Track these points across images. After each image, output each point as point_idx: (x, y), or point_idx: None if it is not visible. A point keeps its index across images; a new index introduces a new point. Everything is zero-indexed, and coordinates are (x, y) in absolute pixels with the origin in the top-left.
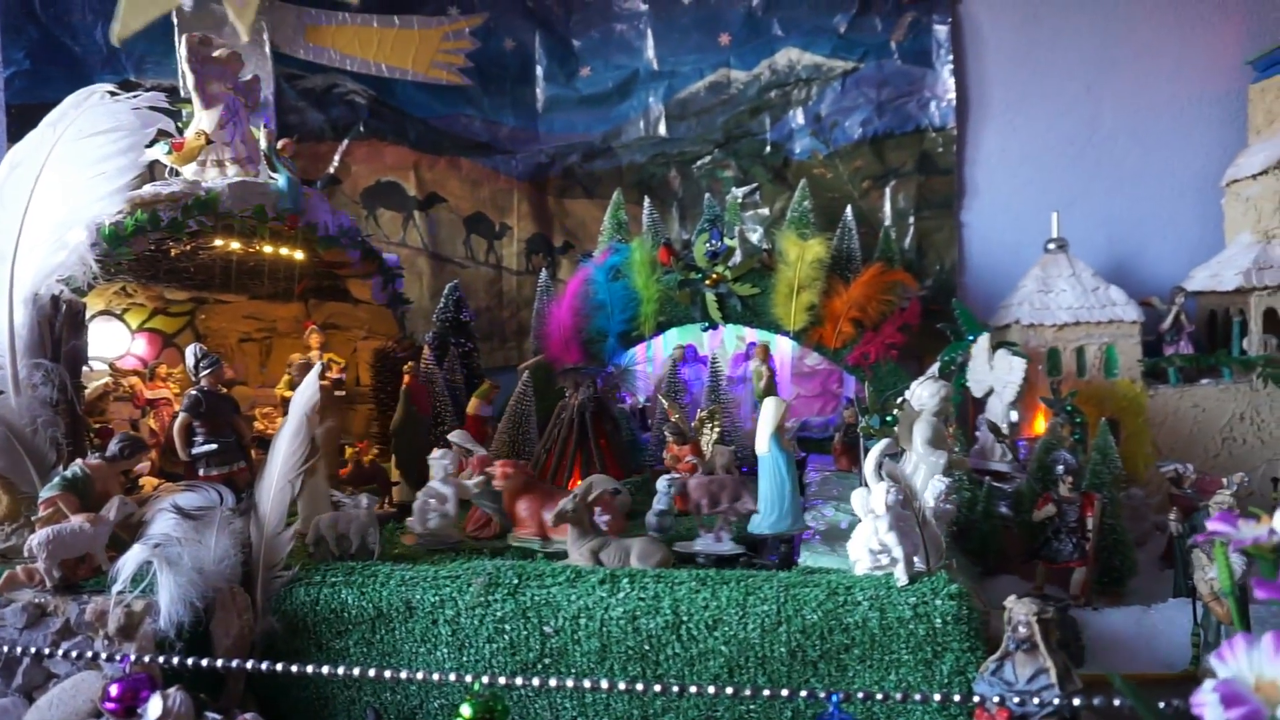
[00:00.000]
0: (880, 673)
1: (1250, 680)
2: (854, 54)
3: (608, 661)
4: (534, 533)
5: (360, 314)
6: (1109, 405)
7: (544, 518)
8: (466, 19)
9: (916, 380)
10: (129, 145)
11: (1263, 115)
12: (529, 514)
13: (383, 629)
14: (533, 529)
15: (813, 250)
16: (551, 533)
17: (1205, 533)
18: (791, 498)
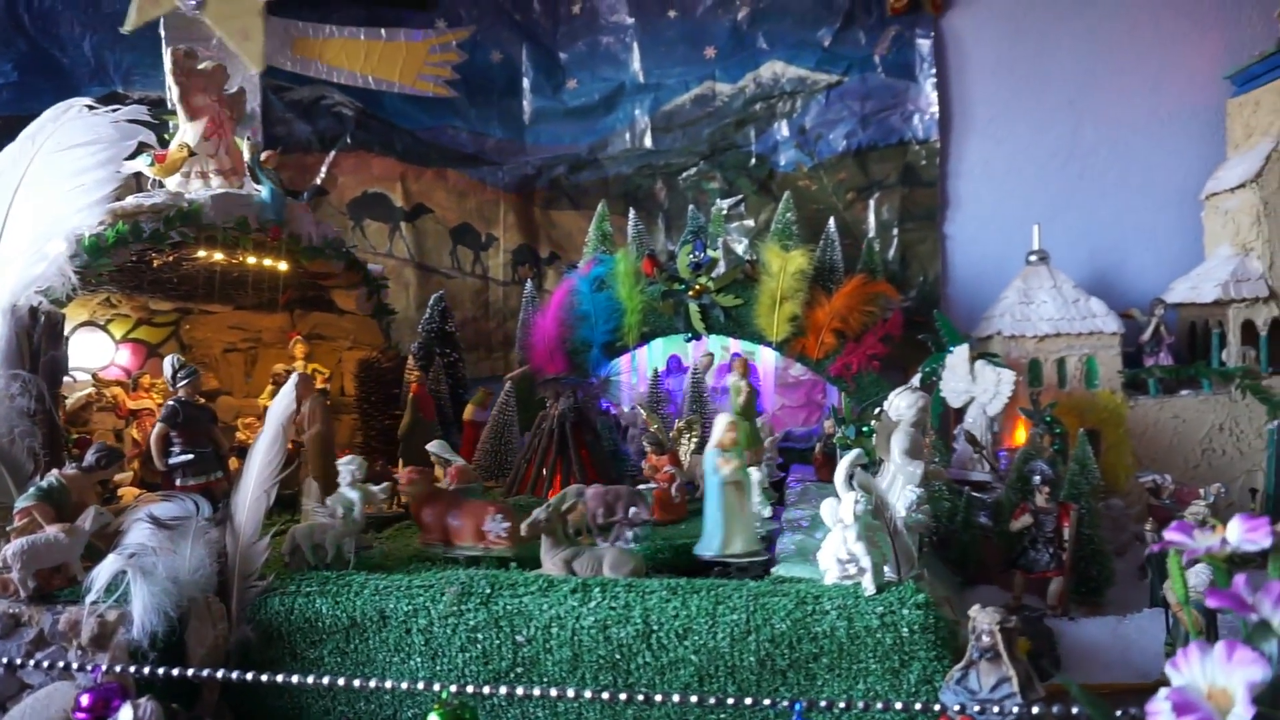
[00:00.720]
0: (848, 681)
1: (1203, 688)
2: (838, 67)
3: (579, 670)
4: (438, 539)
5: (345, 324)
6: (1090, 416)
7: (448, 524)
8: (453, 32)
9: (895, 391)
10: (108, 158)
11: (1241, 129)
12: (433, 520)
13: (357, 638)
14: (437, 535)
15: (795, 262)
16: (456, 539)
17: (1162, 542)
18: (727, 521)
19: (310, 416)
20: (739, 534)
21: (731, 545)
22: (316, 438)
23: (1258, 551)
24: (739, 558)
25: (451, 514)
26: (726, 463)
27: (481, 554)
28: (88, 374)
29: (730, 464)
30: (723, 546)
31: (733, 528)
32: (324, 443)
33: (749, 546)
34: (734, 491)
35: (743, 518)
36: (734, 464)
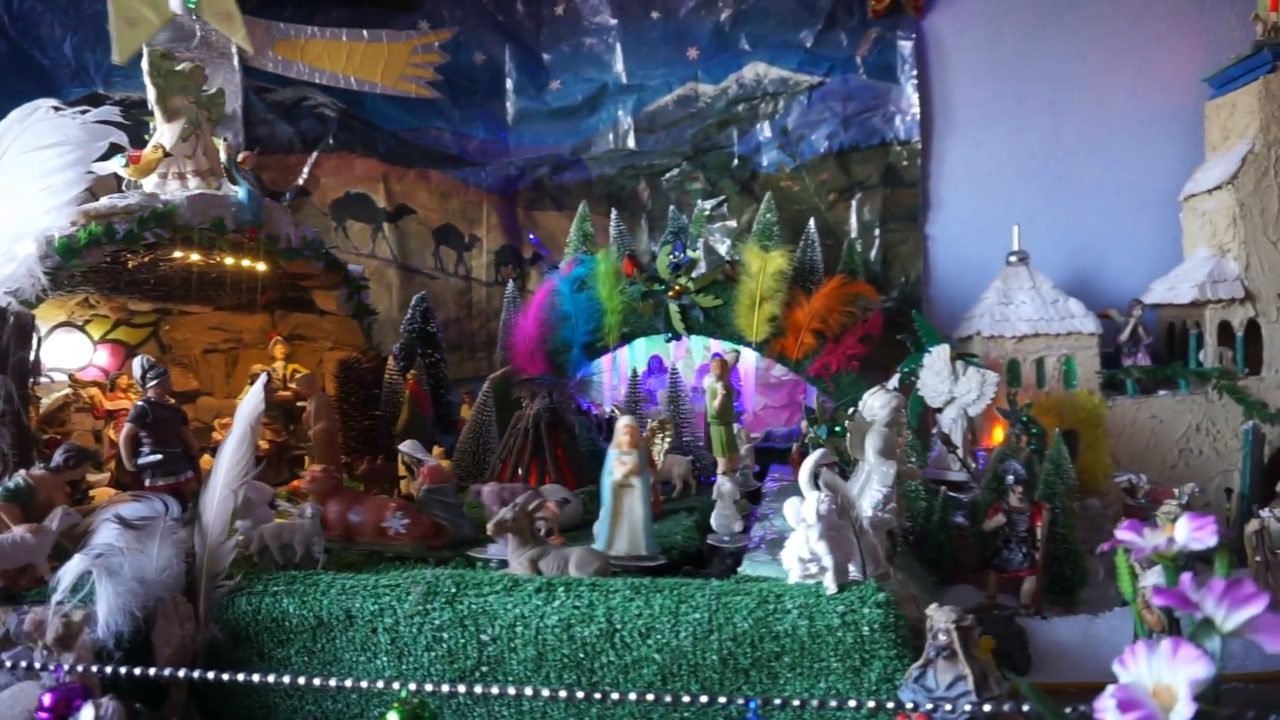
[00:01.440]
0: (810, 680)
1: (1149, 686)
2: (820, 69)
3: (544, 669)
4: (339, 535)
5: (326, 325)
6: (1068, 416)
7: (349, 520)
8: (436, 33)
9: (869, 391)
10: (76, 159)
11: (1218, 131)
12: (336, 517)
13: (324, 637)
14: (338, 532)
15: (775, 262)
16: (356, 536)
17: (1111, 541)
18: (613, 523)
19: (316, 414)
20: (623, 536)
21: (615, 547)
22: (322, 433)
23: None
24: (618, 559)
25: (353, 510)
26: (622, 465)
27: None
28: (65, 375)
29: (625, 466)
30: (604, 547)
31: (617, 530)
32: (329, 438)
33: (633, 550)
34: (625, 494)
35: (630, 520)
36: (628, 466)
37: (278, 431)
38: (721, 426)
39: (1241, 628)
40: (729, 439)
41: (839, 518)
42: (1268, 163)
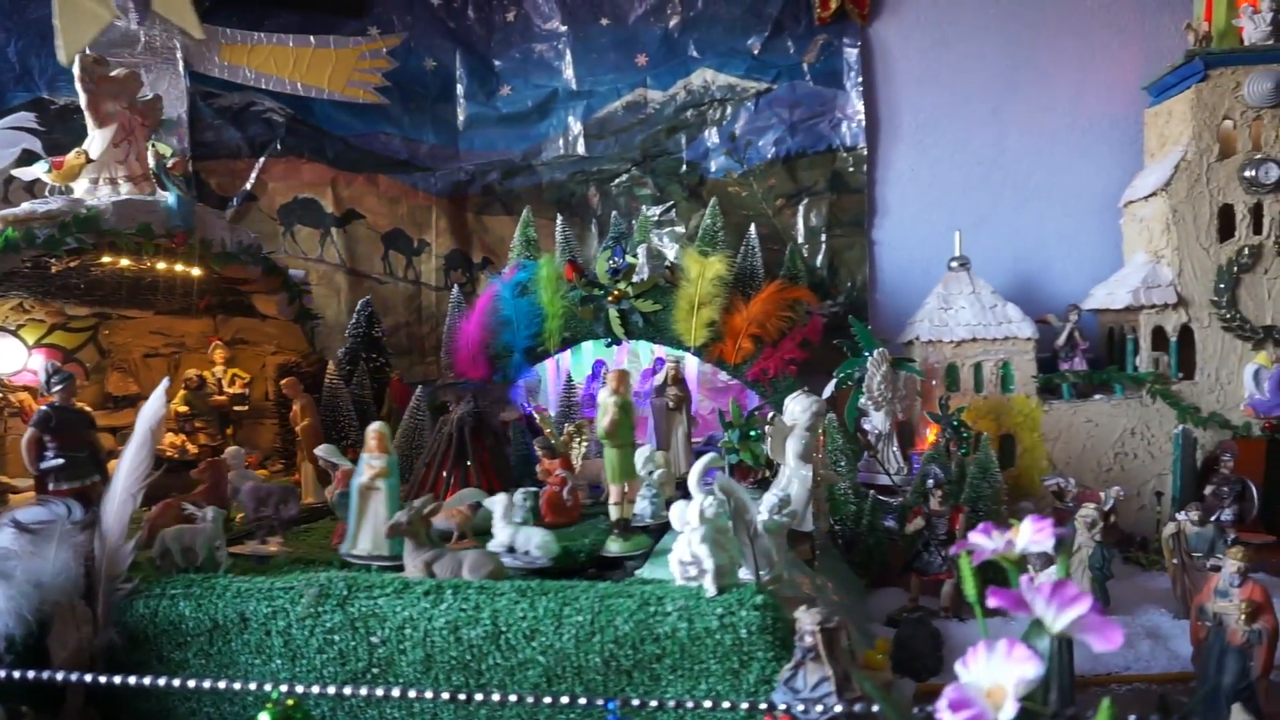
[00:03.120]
0: (691, 682)
1: (984, 686)
2: (767, 75)
3: (433, 671)
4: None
5: (268, 329)
6: (1005, 420)
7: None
8: (384, 39)
9: (790, 395)
10: None
11: (1156, 139)
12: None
13: (220, 640)
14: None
15: (713, 267)
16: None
17: (959, 544)
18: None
19: (301, 412)
20: (366, 536)
21: (358, 546)
22: (308, 429)
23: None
24: (359, 558)
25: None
26: (370, 468)
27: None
28: None
29: (372, 470)
30: (349, 545)
31: (362, 529)
32: (314, 435)
33: (376, 550)
34: (371, 495)
35: (374, 521)
36: (375, 469)
37: (213, 436)
38: (615, 449)
39: (1070, 627)
40: (621, 463)
41: (731, 521)
42: (1199, 170)
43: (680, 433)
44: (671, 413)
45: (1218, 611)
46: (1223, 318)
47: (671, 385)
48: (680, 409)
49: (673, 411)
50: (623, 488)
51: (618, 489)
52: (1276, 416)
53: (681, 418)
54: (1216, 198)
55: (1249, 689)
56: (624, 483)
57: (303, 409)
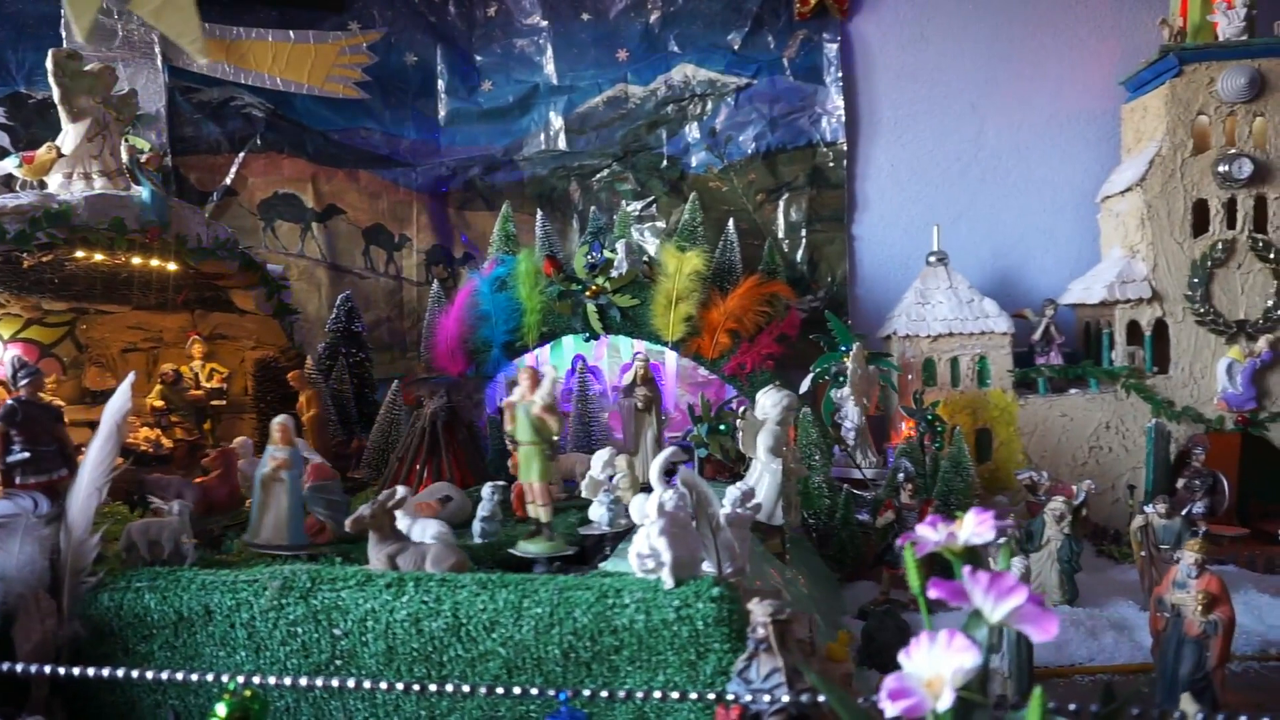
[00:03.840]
0: (649, 673)
1: (925, 676)
2: (747, 70)
3: (395, 663)
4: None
5: (247, 324)
6: (981, 415)
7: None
8: (364, 34)
9: (761, 390)
10: None
11: (1132, 134)
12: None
13: (185, 633)
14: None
15: (691, 263)
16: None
17: (904, 536)
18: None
19: (308, 403)
20: (269, 525)
21: (260, 535)
22: (314, 419)
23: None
24: (260, 547)
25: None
26: (274, 460)
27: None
28: None
29: (275, 461)
30: (251, 535)
31: (263, 519)
32: (321, 424)
33: (277, 539)
34: (274, 486)
35: (276, 511)
36: (278, 461)
37: (190, 430)
38: (533, 447)
39: (1007, 618)
40: (542, 464)
41: (691, 514)
42: (1174, 165)
43: (650, 435)
44: (640, 414)
45: (1176, 603)
46: (1196, 312)
47: (640, 385)
48: (649, 410)
49: (641, 413)
50: (546, 487)
51: (541, 488)
52: (1249, 410)
53: (651, 419)
54: (1191, 193)
55: (1205, 679)
56: (546, 482)
57: (308, 400)
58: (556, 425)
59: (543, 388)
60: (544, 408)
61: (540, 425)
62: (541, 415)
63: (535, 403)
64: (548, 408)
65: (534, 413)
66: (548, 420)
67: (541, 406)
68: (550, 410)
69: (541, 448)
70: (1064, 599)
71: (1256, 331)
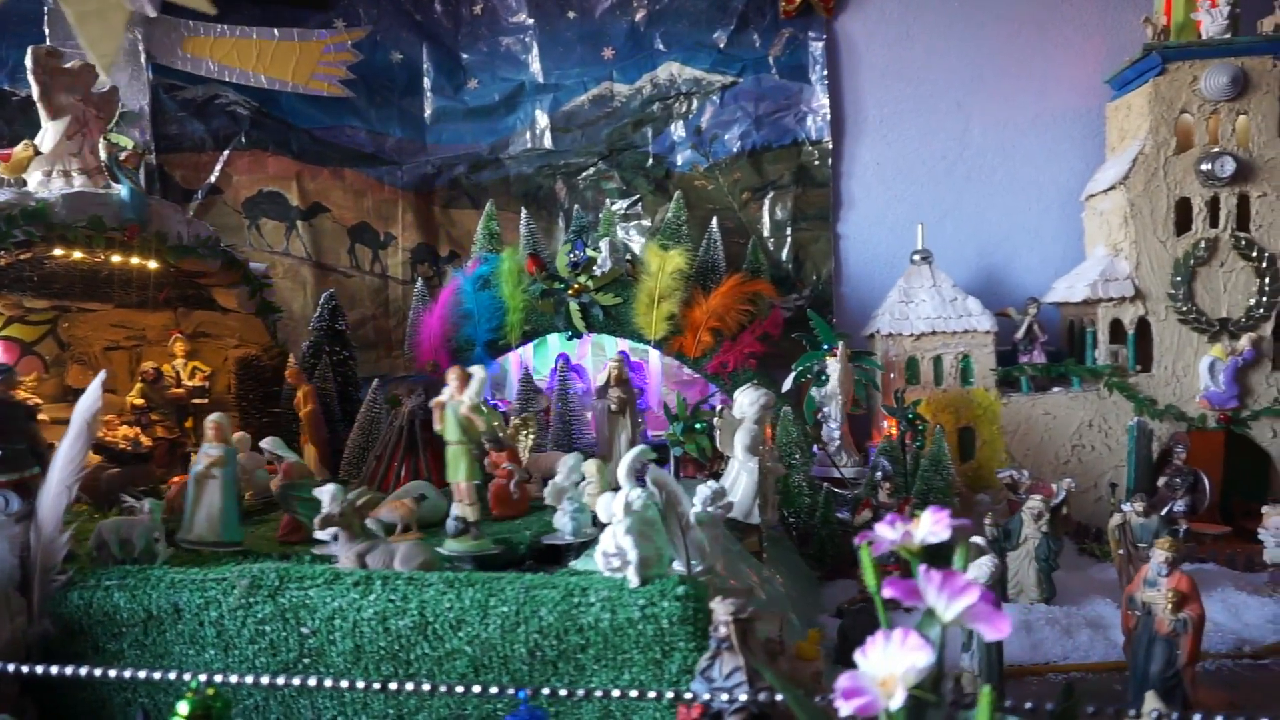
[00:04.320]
0: (614, 672)
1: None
2: (733, 68)
3: (362, 661)
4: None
5: (231, 323)
6: (965, 413)
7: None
8: (349, 32)
9: (739, 389)
10: None
11: (1116, 133)
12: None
13: (154, 631)
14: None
15: (673, 261)
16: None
17: (861, 535)
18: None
19: (305, 398)
20: (201, 522)
21: (191, 532)
22: (311, 414)
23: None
24: (192, 544)
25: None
26: (207, 456)
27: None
28: None
29: (208, 459)
30: (184, 532)
31: (195, 515)
32: (317, 419)
33: (210, 535)
34: (207, 484)
35: (209, 509)
36: (211, 459)
37: (170, 429)
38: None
39: (960, 617)
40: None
41: (661, 513)
42: (1157, 163)
43: (624, 438)
44: (614, 416)
45: (1146, 601)
46: (1179, 310)
47: (614, 386)
48: (624, 412)
49: (615, 415)
50: (472, 486)
51: (468, 487)
52: (1231, 408)
53: (625, 421)
54: (1174, 191)
55: (1176, 677)
56: (472, 481)
57: (305, 395)
58: (484, 425)
59: (470, 388)
60: (471, 408)
61: (467, 425)
62: (468, 415)
63: (463, 403)
64: (474, 408)
65: (461, 413)
66: (475, 420)
67: (468, 406)
68: (477, 410)
69: (469, 447)
70: (1041, 597)
71: (1239, 330)
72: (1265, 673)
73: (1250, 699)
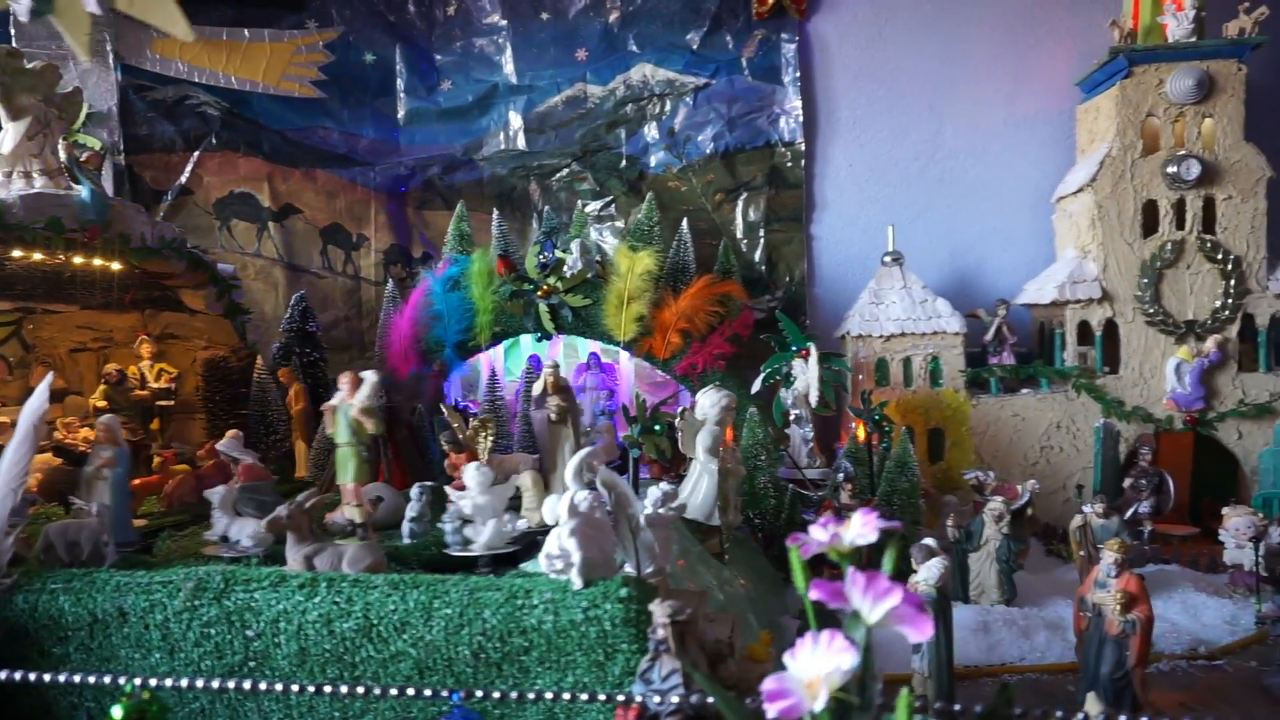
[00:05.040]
0: (558, 674)
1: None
2: (706, 70)
3: (308, 664)
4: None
5: (198, 324)
6: (934, 414)
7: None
8: (320, 33)
9: (701, 390)
10: None
11: (1086, 135)
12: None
13: (100, 634)
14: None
15: (642, 263)
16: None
17: (792, 537)
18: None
19: (295, 397)
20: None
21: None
22: (302, 413)
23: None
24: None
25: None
26: (98, 457)
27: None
28: None
29: (99, 460)
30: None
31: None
32: (307, 417)
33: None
34: (96, 484)
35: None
36: (102, 460)
37: (134, 430)
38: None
39: (884, 619)
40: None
41: (610, 515)
42: (1123, 166)
43: (567, 449)
44: (555, 426)
45: (1097, 602)
46: (1146, 312)
47: (552, 394)
48: (565, 421)
49: (556, 425)
50: (359, 488)
51: (355, 489)
52: (1197, 410)
53: (568, 432)
54: (1140, 193)
55: (1125, 678)
56: (360, 483)
57: (297, 394)
58: (373, 429)
59: (361, 391)
60: (361, 410)
61: (357, 428)
62: (359, 418)
63: (353, 405)
64: (365, 410)
65: (352, 415)
66: (365, 423)
67: (359, 409)
68: (368, 413)
69: (358, 449)
70: (1003, 599)
71: (1205, 332)
72: (1218, 674)
73: (1203, 700)
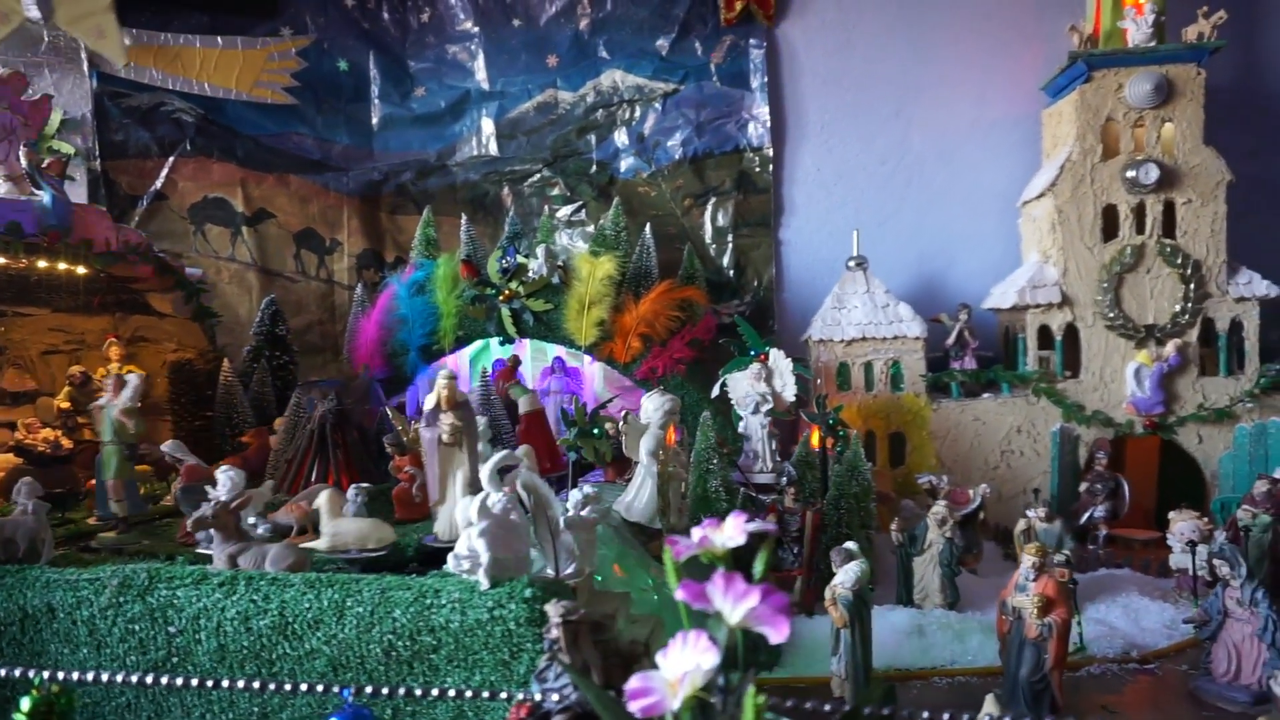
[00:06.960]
0: (466, 672)
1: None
2: (675, 76)
3: (227, 660)
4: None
5: (168, 327)
6: (895, 418)
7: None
8: (294, 39)
9: (645, 394)
10: None
11: (1050, 139)
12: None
13: (30, 630)
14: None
15: (603, 267)
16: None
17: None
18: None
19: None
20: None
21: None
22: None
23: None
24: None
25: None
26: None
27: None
28: None
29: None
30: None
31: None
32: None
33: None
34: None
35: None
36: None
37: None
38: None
39: (745, 619)
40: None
41: (523, 516)
42: (1083, 170)
43: (461, 476)
44: (447, 449)
45: (1016, 606)
46: (1106, 317)
47: (445, 410)
48: (459, 444)
49: (448, 447)
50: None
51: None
52: (1157, 414)
53: (463, 456)
54: (1100, 198)
55: (1044, 680)
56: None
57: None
58: (134, 429)
59: (124, 393)
60: (122, 411)
61: (119, 427)
62: (121, 418)
63: (116, 406)
64: (126, 411)
65: (115, 415)
66: (126, 423)
67: (120, 410)
68: (130, 414)
69: (120, 448)
70: (945, 602)
71: (1165, 336)
72: (1150, 677)
73: (1128, 703)
